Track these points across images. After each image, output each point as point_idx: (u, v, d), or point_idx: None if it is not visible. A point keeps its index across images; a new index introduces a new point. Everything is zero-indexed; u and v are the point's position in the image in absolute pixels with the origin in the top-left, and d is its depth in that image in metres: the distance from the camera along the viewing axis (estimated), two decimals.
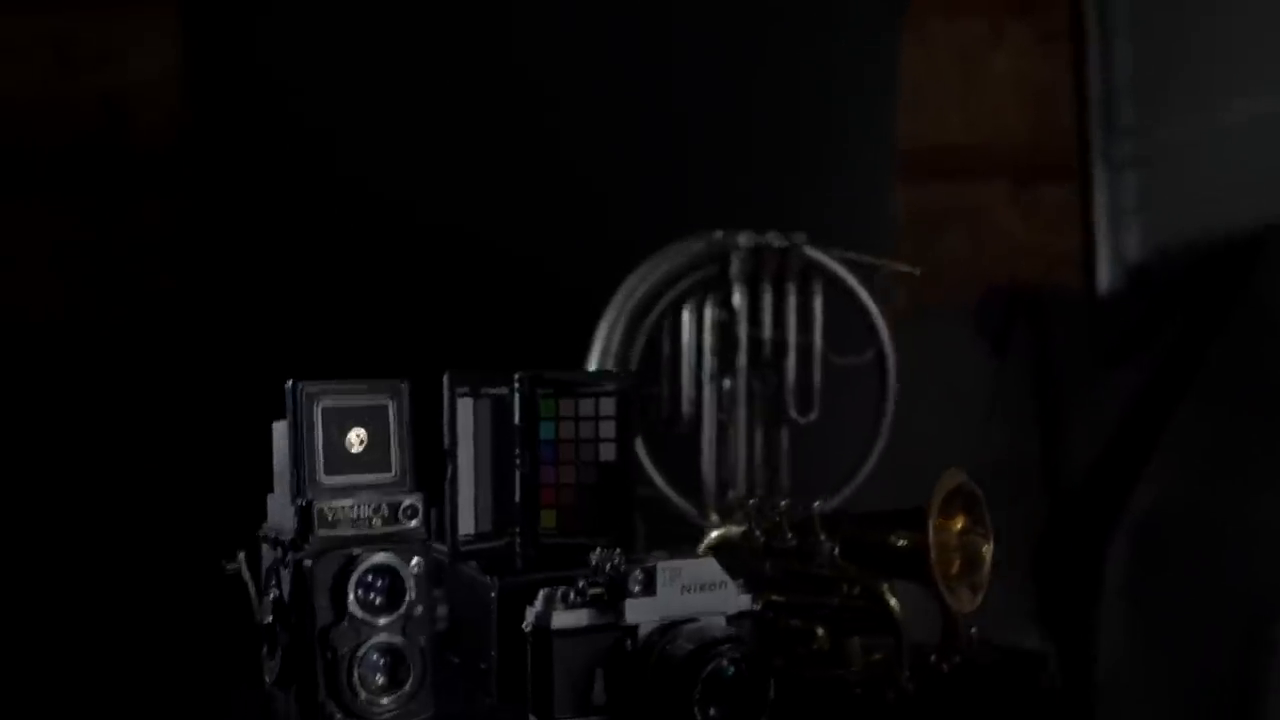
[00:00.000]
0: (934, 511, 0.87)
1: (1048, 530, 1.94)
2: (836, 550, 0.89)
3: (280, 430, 0.84)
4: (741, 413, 1.27)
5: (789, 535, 0.91)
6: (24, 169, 1.49)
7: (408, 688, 0.81)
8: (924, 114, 2.32)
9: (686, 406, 1.27)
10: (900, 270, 1.29)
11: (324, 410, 0.83)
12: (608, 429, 0.97)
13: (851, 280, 1.28)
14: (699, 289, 1.28)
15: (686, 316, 1.27)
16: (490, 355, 1.34)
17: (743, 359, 1.27)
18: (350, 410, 0.83)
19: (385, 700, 0.80)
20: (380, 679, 0.80)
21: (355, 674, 0.79)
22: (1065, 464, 1.95)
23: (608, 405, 0.97)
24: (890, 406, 1.29)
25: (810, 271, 1.28)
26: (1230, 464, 1.79)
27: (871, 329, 1.28)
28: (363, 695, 0.80)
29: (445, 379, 0.93)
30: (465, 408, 0.94)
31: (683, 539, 1.25)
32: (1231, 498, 1.76)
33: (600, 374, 1.01)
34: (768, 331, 1.28)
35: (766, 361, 1.28)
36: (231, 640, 0.84)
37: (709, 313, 1.27)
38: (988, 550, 0.90)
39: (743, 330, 1.27)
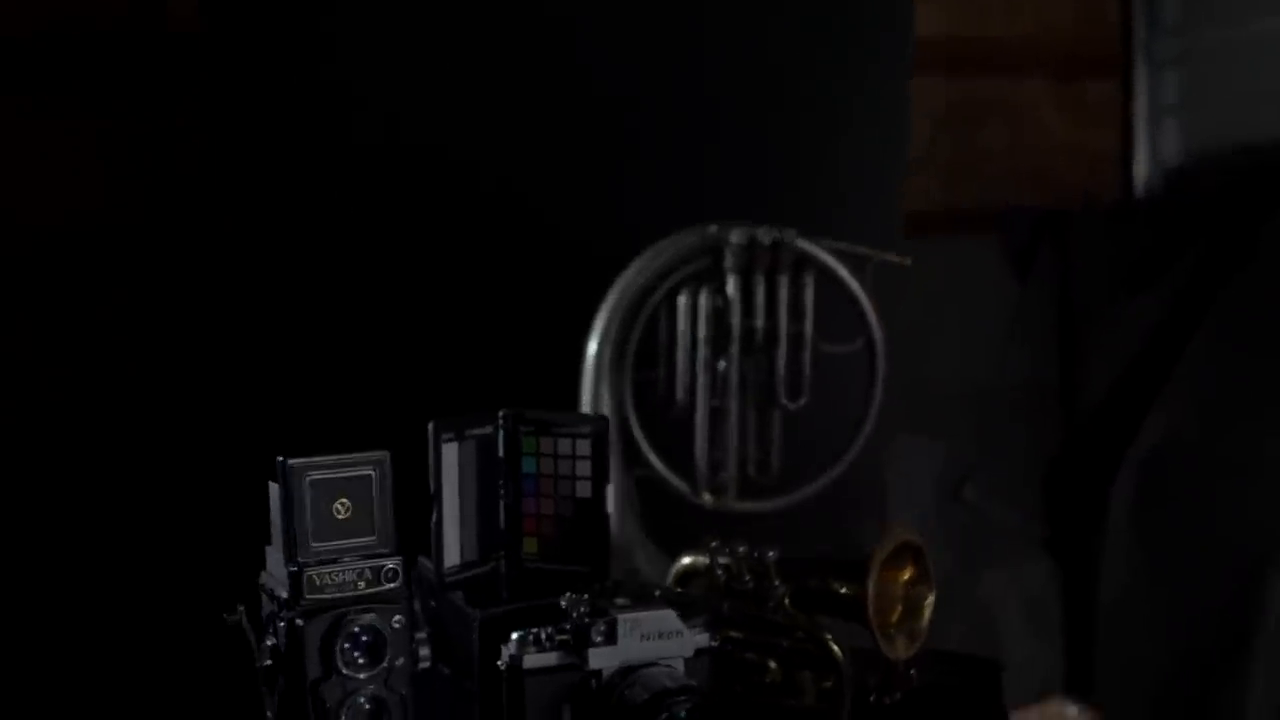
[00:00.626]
0: (875, 566, 0.96)
1: (1061, 456, 2.03)
2: (787, 598, 0.99)
3: (275, 491, 0.95)
4: (734, 398, 1.36)
5: (746, 578, 1.02)
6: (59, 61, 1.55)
7: None
8: (967, 2, 2.35)
9: (681, 391, 1.36)
10: (891, 261, 1.36)
11: (311, 483, 0.93)
12: (584, 468, 1.07)
13: (842, 271, 1.35)
14: (694, 280, 1.36)
15: (682, 304, 1.36)
16: (491, 336, 1.45)
17: (736, 347, 1.35)
18: (336, 481, 0.94)
19: None
20: None
21: None
22: (1082, 391, 2.03)
23: (584, 446, 1.07)
24: (879, 392, 1.37)
25: (802, 262, 1.35)
26: (1239, 402, 1.86)
27: (861, 317, 1.35)
28: None
29: (430, 428, 1.03)
30: (450, 451, 1.04)
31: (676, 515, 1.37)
32: (1238, 436, 1.84)
33: (577, 416, 1.10)
34: (760, 320, 1.36)
35: (759, 349, 1.36)
36: (235, 677, 0.96)
37: (703, 301, 1.35)
38: (929, 602, 1.00)
39: (736, 319, 1.35)
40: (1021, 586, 1.94)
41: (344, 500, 0.94)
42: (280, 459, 0.92)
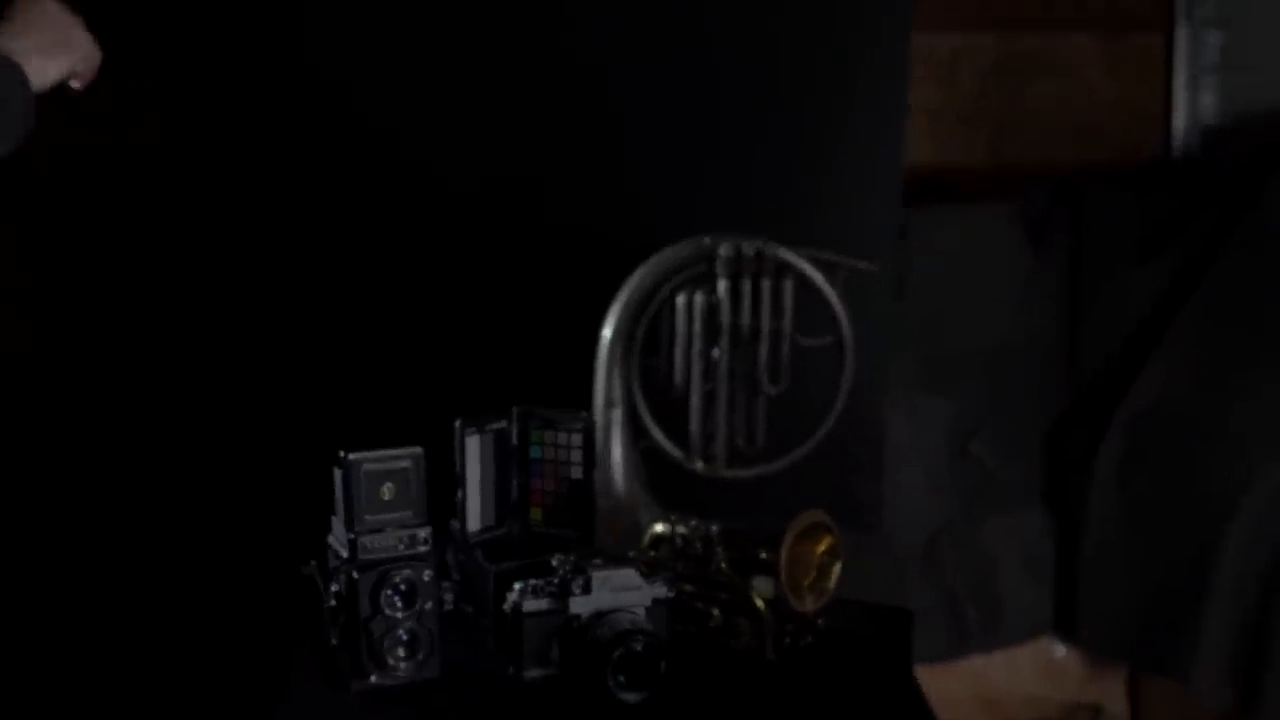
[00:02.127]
0: (788, 541, 1.42)
1: (1061, 417, 2.45)
2: (724, 561, 1.46)
3: (338, 476, 1.44)
4: (724, 383, 1.82)
5: (697, 545, 1.49)
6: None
7: (420, 657, 1.41)
8: None
9: (680, 376, 1.82)
10: (860, 268, 1.80)
11: (365, 472, 1.41)
12: (577, 455, 1.54)
13: (817, 277, 1.79)
14: (690, 283, 1.81)
15: (680, 304, 1.81)
16: (521, 332, 1.92)
17: (725, 340, 1.81)
18: (383, 471, 1.41)
19: (405, 665, 1.40)
20: (403, 652, 1.40)
21: (385, 649, 1.40)
22: (1083, 356, 2.44)
23: (577, 439, 1.54)
24: (847, 379, 1.81)
25: (782, 269, 1.79)
26: (1213, 370, 2.26)
27: (833, 318, 1.80)
28: (390, 662, 1.41)
29: (457, 425, 1.51)
30: (474, 442, 1.53)
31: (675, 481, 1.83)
32: (1209, 402, 2.25)
33: (573, 415, 1.56)
34: (746, 318, 1.81)
35: (746, 341, 1.81)
36: (308, 613, 1.46)
37: (698, 301, 1.80)
38: (837, 569, 1.45)
39: (726, 317, 1.80)
40: (1021, 537, 2.37)
41: (389, 484, 1.42)
42: (342, 454, 1.40)
